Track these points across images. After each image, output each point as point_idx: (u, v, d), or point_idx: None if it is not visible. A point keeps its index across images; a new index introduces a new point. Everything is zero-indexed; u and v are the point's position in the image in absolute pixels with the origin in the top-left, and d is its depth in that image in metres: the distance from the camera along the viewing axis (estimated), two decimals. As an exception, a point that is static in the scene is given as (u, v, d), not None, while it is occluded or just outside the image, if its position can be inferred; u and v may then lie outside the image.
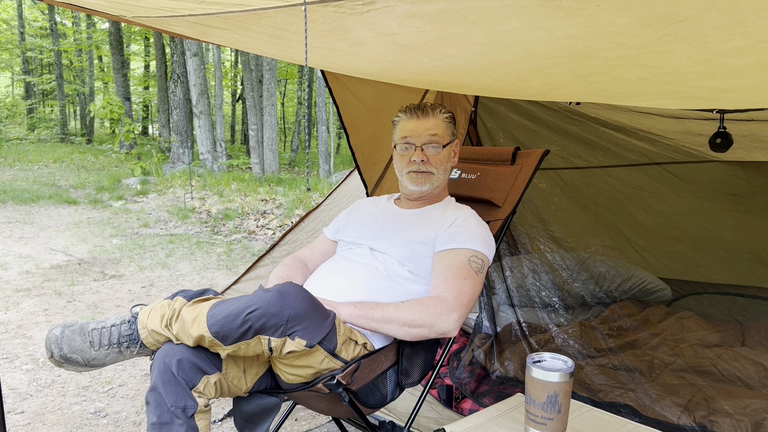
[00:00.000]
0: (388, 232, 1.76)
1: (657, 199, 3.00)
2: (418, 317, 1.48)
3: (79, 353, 1.41)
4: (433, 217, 1.75)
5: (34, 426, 2.35)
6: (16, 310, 3.70)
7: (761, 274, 2.81)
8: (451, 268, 1.58)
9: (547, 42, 1.13)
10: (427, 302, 1.51)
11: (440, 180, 1.80)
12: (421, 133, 1.76)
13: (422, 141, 1.75)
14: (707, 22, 0.88)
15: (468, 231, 1.67)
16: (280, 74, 19.29)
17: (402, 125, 1.80)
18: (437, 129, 1.76)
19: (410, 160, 1.77)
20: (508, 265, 2.83)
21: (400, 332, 1.50)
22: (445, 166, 1.80)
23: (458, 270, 1.57)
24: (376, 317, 1.49)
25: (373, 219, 1.85)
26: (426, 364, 1.66)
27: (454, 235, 1.65)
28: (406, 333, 1.50)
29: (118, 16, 1.63)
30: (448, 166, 1.82)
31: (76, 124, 23.77)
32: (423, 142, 1.75)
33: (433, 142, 1.75)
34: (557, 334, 2.50)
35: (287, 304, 1.30)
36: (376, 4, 1.07)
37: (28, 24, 21.02)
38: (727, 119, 2.41)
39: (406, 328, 1.49)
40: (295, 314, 1.30)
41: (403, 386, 1.61)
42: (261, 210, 7.58)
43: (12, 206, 7.51)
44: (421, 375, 1.66)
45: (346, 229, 1.88)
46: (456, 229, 1.67)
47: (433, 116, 1.77)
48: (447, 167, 1.81)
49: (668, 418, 1.91)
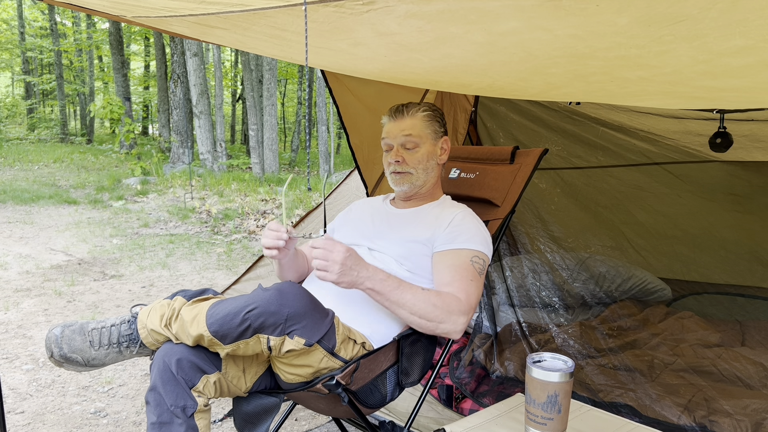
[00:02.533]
0: (385, 231, 1.76)
1: (657, 199, 3.00)
2: (431, 311, 1.48)
3: (79, 353, 1.41)
4: (430, 216, 1.74)
5: (34, 426, 2.35)
6: (16, 310, 3.70)
7: (761, 274, 2.81)
8: (456, 269, 1.58)
9: (547, 42, 1.13)
10: (445, 298, 1.51)
11: (422, 179, 1.78)
12: (396, 134, 1.76)
13: (398, 141, 1.75)
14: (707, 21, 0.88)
15: (467, 231, 1.66)
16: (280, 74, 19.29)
17: (384, 127, 1.81)
18: (412, 129, 1.75)
19: (389, 161, 1.78)
20: (508, 265, 2.83)
21: (409, 319, 1.50)
22: (426, 165, 1.77)
23: (464, 271, 1.57)
24: (393, 299, 1.48)
25: (369, 219, 1.85)
26: (425, 363, 1.66)
27: (454, 235, 1.65)
28: (414, 321, 1.50)
29: (118, 16, 1.63)
30: (431, 164, 1.78)
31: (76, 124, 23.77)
32: (399, 142, 1.75)
33: (408, 142, 1.75)
34: (557, 334, 2.50)
35: (286, 302, 1.30)
36: (376, 4, 1.07)
37: (28, 24, 21.03)
38: (727, 119, 2.41)
39: (416, 317, 1.48)
40: (294, 313, 1.30)
41: (403, 386, 1.61)
42: (261, 210, 7.58)
43: (12, 206, 7.51)
44: (421, 374, 1.66)
45: (341, 230, 1.88)
46: (455, 229, 1.66)
47: (410, 116, 1.76)
48: (429, 165, 1.78)
49: (668, 418, 1.91)
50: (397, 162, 1.75)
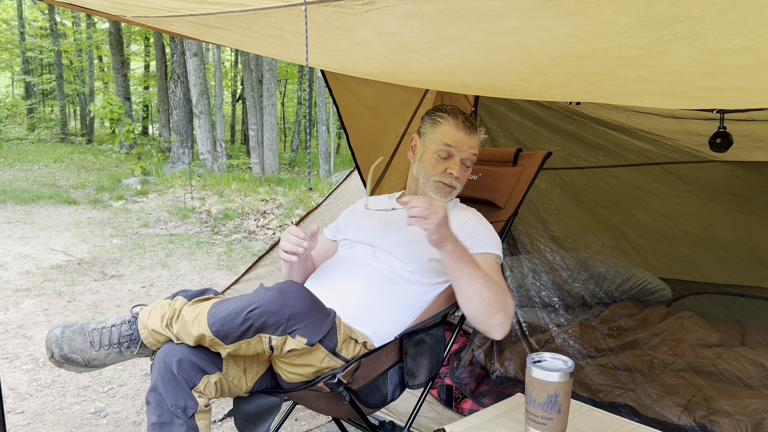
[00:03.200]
0: (391, 231, 1.76)
1: (657, 199, 3.00)
2: (494, 297, 1.47)
3: (79, 353, 1.41)
4: None
5: (34, 426, 2.35)
6: (16, 310, 3.70)
7: (761, 274, 2.81)
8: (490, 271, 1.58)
9: (547, 42, 1.13)
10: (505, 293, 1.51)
11: (458, 193, 1.84)
12: (465, 149, 1.76)
13: (464, 155, 1.76)
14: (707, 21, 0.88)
15: (485, 235, 1.69)
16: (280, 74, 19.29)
17: (446, 130, 1.76)
18: (478, 149, 1.80)
19: (445, 170, 1.76)
20: (508, 265, 2.83)
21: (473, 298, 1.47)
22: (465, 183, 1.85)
23: (497, 275, 1.59)
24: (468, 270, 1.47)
25: (375, 218, 1.85)
26: (433, 366, 1.64)
27: (475, 240, 1.66)
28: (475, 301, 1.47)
29: (118, 16, 1.63)
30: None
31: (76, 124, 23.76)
32: (463, 156, 1.76)
33: (470, 160, 1.78)
34: (557, 334, 2.50)
35: (288, 302, 1.30)
36: (376, 4, 1.07)
37: (28, 24, 21.02)
38: (727, 119, 2.40)
39: (479, 298, 1.46)
40: (296, 312, 1.30)
41: (410, 387, 1.59)
42: (261, 210, 7.58)
43: (12, 206, 7.51)
44: (429, 376, 1.64)
45: (347, 229, 1.87)
46: (473, 234, 1.68)
47: (478, 135, 1.79)
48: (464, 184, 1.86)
49: (668, 418, 1.91)
50: (455, 178, 1.76)
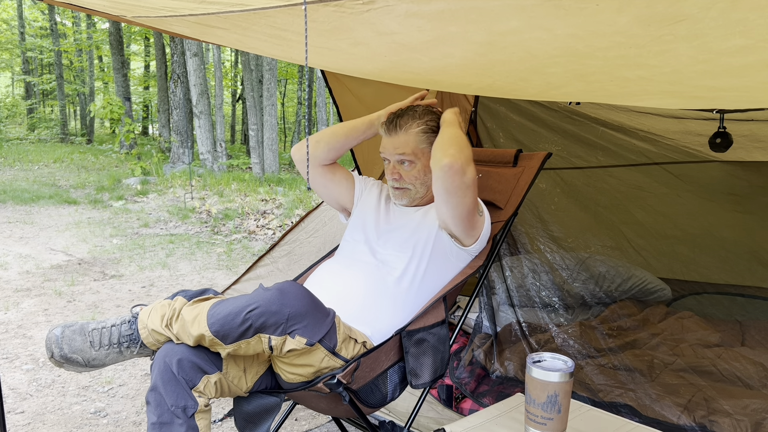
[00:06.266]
0: (392, 229, 1.77)
1: (657, 199, 3.00)
2: (458, 146, 1.57)
3: (79, 353, 1.41)
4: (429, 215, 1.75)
5: (34, 426, 2.35)
6: (16, 310, 3.70)
7: (761, 274, 2.81)
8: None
9: (547, 41, 1.13)
10: (470, 155, 1.59)
11: (420, 192, 1.77)
12: (391, 152, 1.73)
13: (394, 159, 1.73)
14: (707, 21, 0.88)
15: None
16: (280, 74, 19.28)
17: (382, 139, 1.77)
18: (406, 147, 1.70)
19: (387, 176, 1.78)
20: (508, 265, 2.83)
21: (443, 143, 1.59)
22: (423, 179, 1.75)
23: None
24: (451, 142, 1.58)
25: (375, 214, 1.85)
26: (437, 365, 1.62)
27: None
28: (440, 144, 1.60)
29: (118, 16, 1.63)
30: (429, 176, 1.72)
31: (76, 124, 23.75)
32: (395, 159, 1.73)
33: (404, 160, 1.72)
34: (557, 334, 2.50)
35: (287, 302, 1.30)
36: (376, 4, 1.07)
37: (28, 24, 21.01)
38: (727, 119, 2.40)
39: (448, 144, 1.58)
40: (295, 312, 1.30)
41: (414, 387, 1.58)
42: (261, 210, 7.58)
43: (12, 206, 7.51)
44: (433, 376, 1.61)
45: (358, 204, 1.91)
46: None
47: (404, 132, 1.70)
48: (427, 179, 1.74)
49: (668, 418, 1.91)
50: (395, 179, 1.74)
